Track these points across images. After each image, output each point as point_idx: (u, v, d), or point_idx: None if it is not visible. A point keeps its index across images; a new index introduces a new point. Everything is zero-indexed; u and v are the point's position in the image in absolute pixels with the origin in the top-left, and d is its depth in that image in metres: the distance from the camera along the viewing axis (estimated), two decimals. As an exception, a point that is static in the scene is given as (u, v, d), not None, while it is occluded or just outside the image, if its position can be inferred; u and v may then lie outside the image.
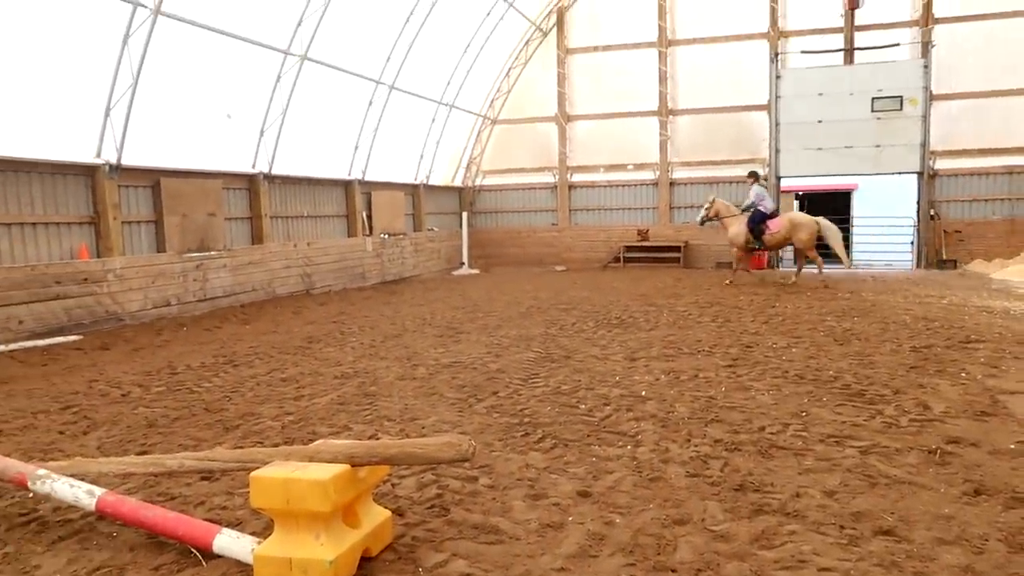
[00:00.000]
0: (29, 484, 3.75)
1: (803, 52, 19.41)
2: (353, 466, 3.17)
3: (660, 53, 20.88)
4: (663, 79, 20.91)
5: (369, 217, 18.27)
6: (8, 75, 9.79)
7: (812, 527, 3.51)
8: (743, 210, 15.13)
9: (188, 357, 8.44)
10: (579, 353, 8.06)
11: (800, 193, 24.96)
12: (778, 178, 19.43)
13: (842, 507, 3.73)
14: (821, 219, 14.72)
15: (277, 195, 15.23)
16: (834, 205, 24.72)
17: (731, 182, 20.51)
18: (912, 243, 19.57)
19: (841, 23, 19.23)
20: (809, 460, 4.46)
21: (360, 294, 15.46)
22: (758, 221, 14.78)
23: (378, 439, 5.01)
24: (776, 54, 19.34)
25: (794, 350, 7.94)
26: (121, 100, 11.16)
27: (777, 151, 19.23)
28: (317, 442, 3.49)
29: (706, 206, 15.32)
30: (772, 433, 5.00)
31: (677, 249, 20.67)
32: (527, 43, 22.02)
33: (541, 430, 5.20)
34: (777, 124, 19.14)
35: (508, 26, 20.69)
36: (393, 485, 4.15)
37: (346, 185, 17.56)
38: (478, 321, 10.79)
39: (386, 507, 3.61)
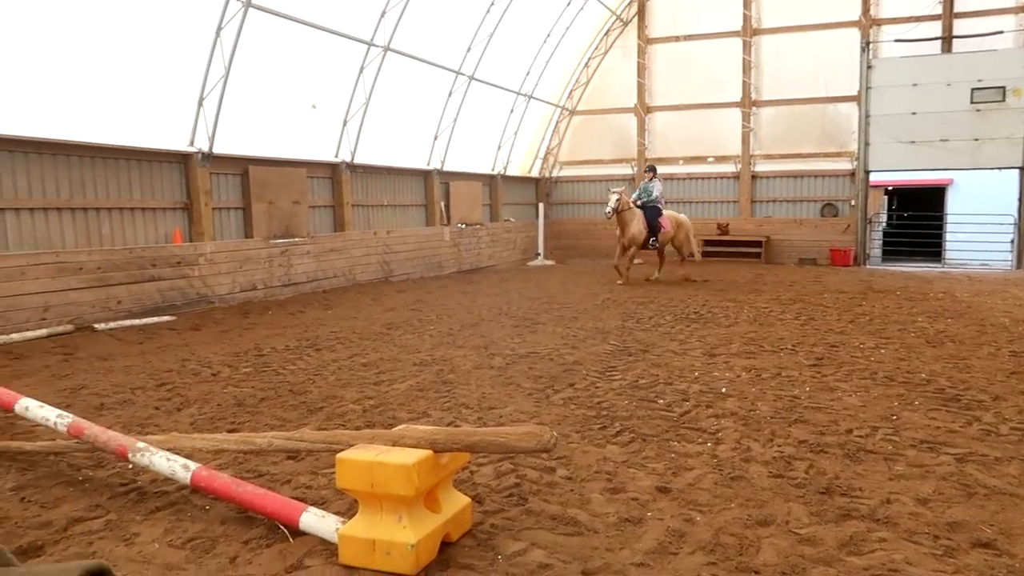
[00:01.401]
0: (129, 456, 3.94)
1: (897, 40, 18.58)
2: (435, 452, 3.21)
3: (744, 43, 20.34)
4: (746, 69, 20.37)
5: (447, 207, 18.47)
6: (110, 67, 10.27)
7: (904, 535, 3.38)
8: (640, 206, 14.66)
9: (273, 340, 8.72)
10: (657, 347, 7.96)
11: (890, 188, 23.97)
12: (867, 172, 18.71)
13: (936, 516, 3.58)
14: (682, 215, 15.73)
15: (359, 184, 15.55)
16: (926, 201, 23.68)
17: (817, 176, 19.86)
18: (1012, 242, 18.54)
19: (939, 10, 18.33)
20: (900, 466, 4.29)
21: (437, 283, 15.66)
22: (657, 217, 14.62)
23: (457, 426, 5.07)
24: (868, 43, 18.57)
25: (883, 351, 7.65)
26: (213, 90, 11.57)
27: (867, 144, 18.50)
28: (400, 427, 3.55)
29: (616, 197, 14.28)
30: (860, 436, 4.83)
31: (758, 244, 20.14)
32: (607, 33, 21.80)
33: (619, 423, 5.17)
34: (867, 116, 18.41)
35: (588, 16, 20.52)
36: (472, 472, 4.19)
37: (425, 175, 17.78)
38: (554, 312, 10.78)
39: (465, 494, 3.65)
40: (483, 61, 17.73)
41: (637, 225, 14.37)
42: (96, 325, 9.70)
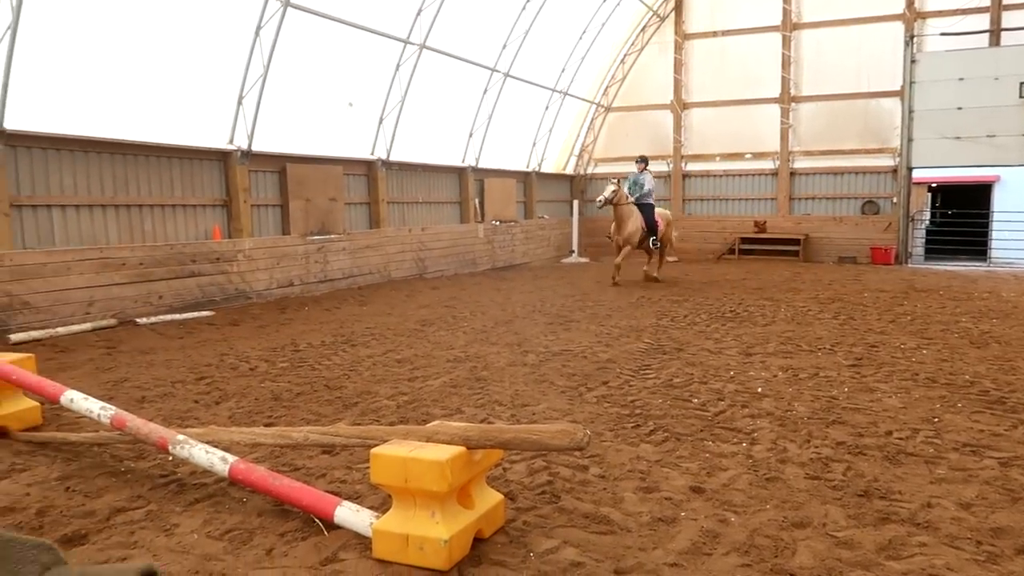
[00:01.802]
0: (170, 448, 4.02)
1: (943, 34, 18.14)
2: (469, 449, 3.22)
3: (784, 37, 20.04)
4: (786, 64, 20.07)
5: (481, 204, 18.51)
6: (153, 67, 10.47)
7: (945, 540, 3.31)
8: (637, 200, 13.75)
9: (309, 335, 8.83)
10: (691, 346, 7.89)
11: (934, 185, 23.43)
12: (909, 169, 18.30)
13: (980, 521, 3.49)
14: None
15: (394, 181, 15.66)
16: (972, 198, 23.12)
17: (857, 172, 19.50)
18: (1061, 240, 18.01)
19: (986, 2, 17.85)
20: (942, 469, 4.19)
21: (471, 279, 15.71)
22: (653, 215, 13.84)
23: (490, 423, 5.09)
24: (911, 36, 18.15)
25: (925, 352, 7.48)
26: (252, 89, 11.74)
27: (910, 140, 18.09)
28: (434, 423, 3.57)
29: (612, 188, 13.35)
30: (900, 438, 4.73)
31: (796, 242, 19.84)
32: (643, 29, 21.63)
33: (652, 422, 5.14)
34: (911, 111, 17.99)
35: (624, 12, 20.39)
36: (504, 469, 4.20)
37: (460, 172, 17.84)
38: (588, 310, 10.75)
39: (498, 491, 3.65)
40: (518, 58, 17.72)
41: (634, 223, 13.51)
42: (138, 319, 9.91)
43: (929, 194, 23.70)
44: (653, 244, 13.74)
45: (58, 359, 7.55)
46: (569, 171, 22.95)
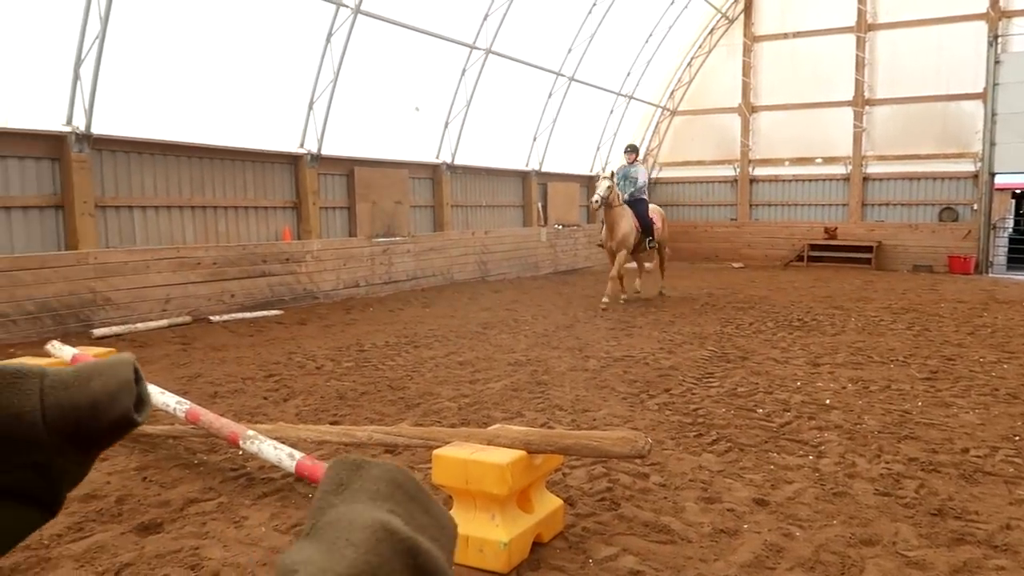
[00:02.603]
0: (240, 443, 4.16)
1: (1029, 34, 17.35)
2: (529, 453, 3.24)
3: (858, 39, 19.47)
4: (860, 66, 19.49)
5: (544, 207, 18.53)
6: (229, 74, 10.84)
7: (1025, 564, 3.17)
8: (630, 197, 11.83)
9: (374, 336, 8.99)
10: (757, 354, 7.74)
11: (1019, 191, 22.40)
12: (991, 174, 17.55)
13: (1063, 546, 3.33)
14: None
15: (458, 184, 15.82)
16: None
17: (935, 178, 18.80)
18: None
19: (1079, -1, 17.00)
20: (1023, 490, 4.01)
21: (533, 283, 15.74)
22: (647, 212, 11.90)
23: (551, 428, 5.09)
24: (996, 36, 17.41)
25: (1006, 366, 7.17)
26: (322, 94, 12.03)
27: (992, 144, 17.34)
28: (495, 427, 3.60)
29: (607, 185, 11.15)
30: (978, 456, 4.55)
31: (868, 249, 19.23)
32: (711, 31, 21.33)
33: (715, 432, 5.06)
34: (994, 114, 17.25)
35: (692, 14, 20.14)
36: (564, 475, 4.20)
37: (523, 176, 17.90)
38: (650, 315, 10.65)
39: (558, 496, 3.66)
40: (583, 62, 17.69)
41: (627, 223, 11.49)
42: (211, 317, 10.26)
43: (1013, 201, 22.67)
44: (649, 244, 11.93)
45: (137, 354, 7.87)
46: (633, 175, 22.76)
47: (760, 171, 21.22)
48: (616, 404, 5.83)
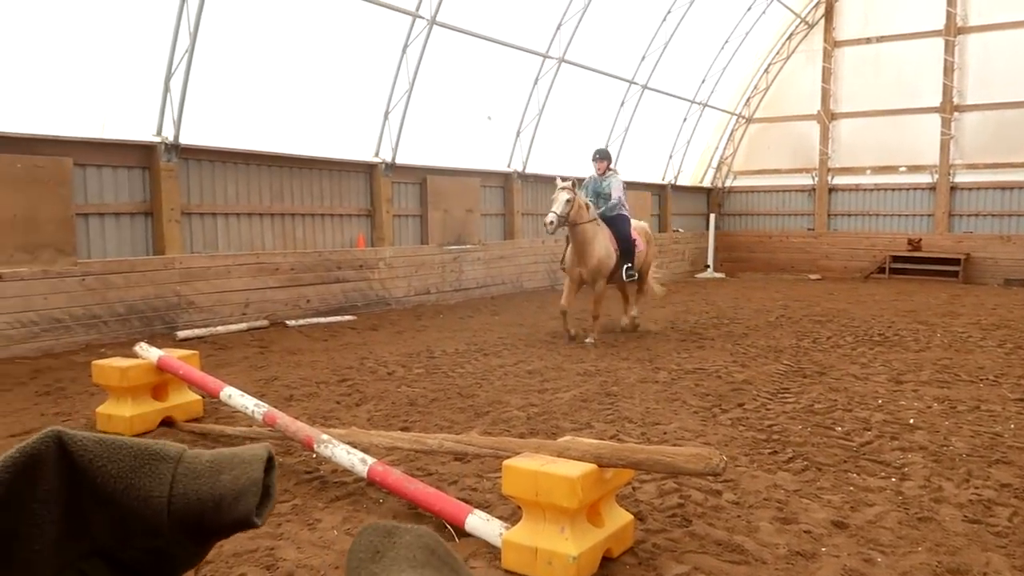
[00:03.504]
0: (314, 446, 4.25)
1: None
2: (600, 467, 3.21)
3: (946, 42, 18.68)
4: (948, 71, 18.69)
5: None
6: (306, 85, 11.15)
7: None
8: (602, 214, 9.24)
9: (444, 343, 9.08)
10: (835, 370, 7.48)
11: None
12: (1092, 184, 16.56)
13: None
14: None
15: (529, 193, 15.86)
16: None
17: (1029, 187, 17.88)
18: None
19: None
20: None
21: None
22: (628, 231, 9.34)
23: (621, 441, 5.03)
24: (1099, 38, 16.46)
25: (1108, 388, 6.74)
26: (397, 104, 12.26)
27: (1093, 152, 16.38)
28: (565, 438, 3.58)
29: (567, 198, 8.51)
30: (1077, 484, 4.28)
31: (956, 262, 18.37)
32: (789, 37, 20.83)
33: (791, 449, 4.91)
34: (1095, 120, 16.30)
35: (769, 20, 19.71)
36: (634, 489, 4.15)
37: (594, 184, 17.82)
38: (723, 328, 10.44)
39: (628, 510, 3.61)
40: (657, 70, 17.52)
41: (602, 245, 8.92)
42: (287, 321, 10.55)
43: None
44: (628, 274, 9.22)
45: (217, 356, 8.15)
46: (707, 184, 22.41)
47: (839, 180, 20.58)
48: (687, 418, 5.72)
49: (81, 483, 0.53)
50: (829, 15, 20.34)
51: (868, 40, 19.86)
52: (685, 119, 19.88)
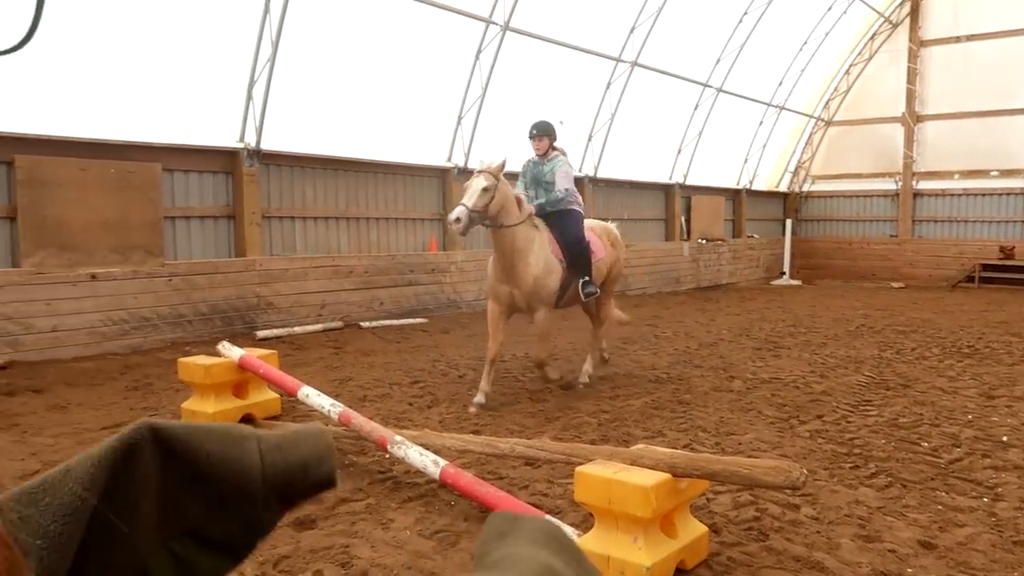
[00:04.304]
0: (388, 447, 4.32)
1: None
2: (675, 476, 3.15)
3: (1044, 40, 17.74)
4: (1046, 70, 17.74)
5: (688, 221, 18.14)
6: (380, 92, 11.36)
7: None
8: (541, 210, 6.64)
9: (514, 347, 9.09)
10: (920, 383, 7.18)
11: None
12: None
13: None
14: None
15: (600, 197, 15.77)
16: None
17: None
18: None
19: None
20: None
21: (674, 299, 15.41)
22: (581, 233, 6.68)
23: (694, 450, 4.94)
24: None
25: None
26: (470, 110, 12.37)
27: None
28: (639, 447, 3.54)
29: (482, 186, 6.02)
30: None
31: (1051, 271, 17.42)
32: (872, 37, 20.14)
33: (874, 464, 4.73)
34: None
35: (851, 20, 19.09)
36: (708, 500, 4.06)
37: (666, 189, 17.61)
38: (800, 336, 10.14)
39: (702, 522, 3.54)
40: (732, 72, 17.19)
41: (539, 257, 6.32)
42: (361, 323, 10.76)
43: None
44: (585, 292, 6.58)
45: (295, 356, 8.37)
46: (783, 188, 21.85)
47: (925, 184, 19.77)
48: (763, 428, 5.58)
49: (175, 468, 0.57)
50: (915, 14, 19.58)
51: (957, 39, 19.02)
52: (761, 122, 19.44)
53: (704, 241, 18.38)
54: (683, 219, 17.97)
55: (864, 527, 3.76)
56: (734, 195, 19.99)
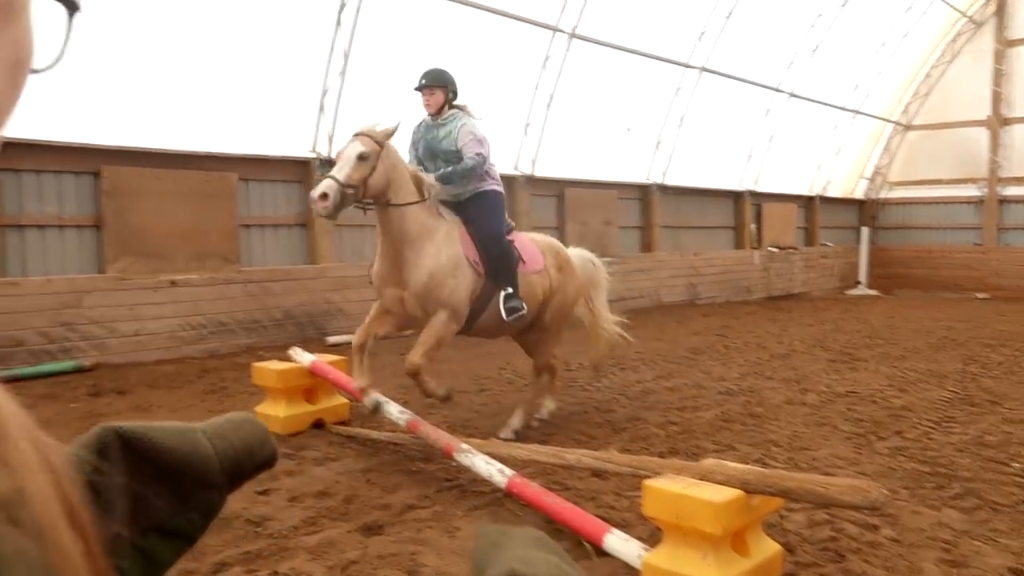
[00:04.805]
0: (454, 455, 4.34)
1: None
2: (747, 493, 3.06)
3: None
4: None
5: (759, 229, 17.74)
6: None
7: None
8: (446, 179, 5.12)
9: (580, 355, 9.01)
10: (1009, 400, 6.82)
11: None
12: None
13: None
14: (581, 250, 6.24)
15: (668, 205, 15.58)
16: None
17: None
18: None
19: None
20: None
21: (744, 308, 15.07)
22: (501, 226, 5.34)
23: (766, 465, 4.81)
24: None
25: None
26: (537, 117, 12.39)
27: None
28: (709, 461, 3.46)
29: (358, 152, 4.62)
30: None
31: None
32: (954, 38, 19.35)
33: (959, 485, 4.51)
34: None
35: (931, 20, 18.40)
36: (782, 517, 3.94)
37: (735, 196, 17.27)
38: (877, 349, 9.78)
39: (775, 540, 3.43)
40: (805, 76, 16.76)
41: (443, 250, 4.95)
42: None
43: None
44: (507, 307, 5.12)
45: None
46: (859, 195, 21.16)
47: (1013, 191, 18.83)
48: (839, 444, 5.39)
49: (141, 467, 0.60)
50: (1000, 13, 18.73)
51: (1048, 38, 18.11)
52: (836, 127, 18.89)
53: (776, 249, 17.94)
54: (753, 227, 17.59)
55: (949, 551, 3.58)
56: (807, 202, 19.46)
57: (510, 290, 5.08)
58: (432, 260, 4.85)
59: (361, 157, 4.61)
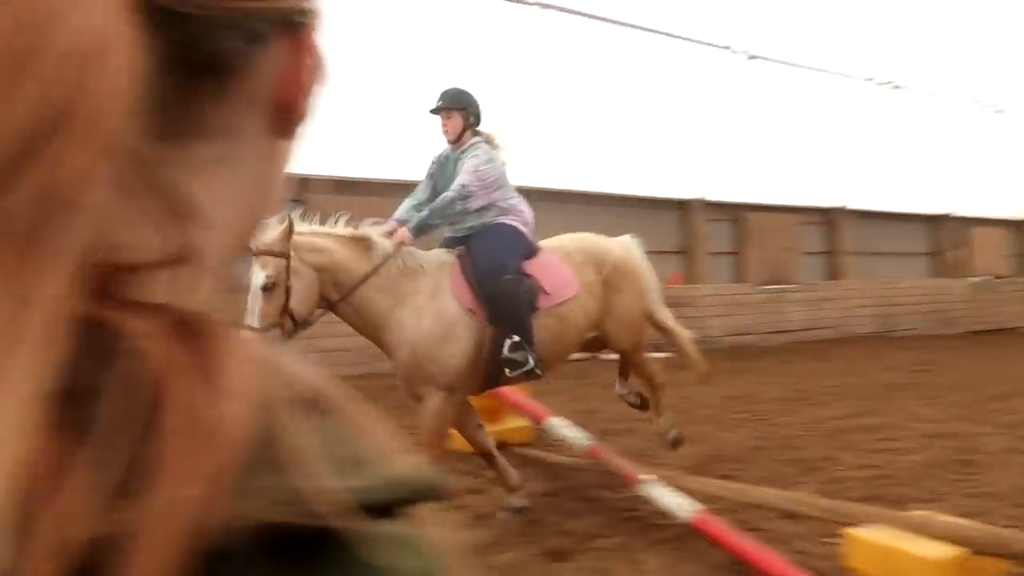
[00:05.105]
0: (635, 485, 4.26)
1: None
2: (973, 552, 2.77)
3: None
4: None
5: (962, 256, 16.20)
6: (618, 124, 11.49)
7: None
8: (419, 231, 4.07)
9: (764, 388, 8.65)
10: None
11: None
12: None
13: None
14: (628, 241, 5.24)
15: (855, 230, 14.64)
16: None
17: None
18: None
19: None
20: None
21: (946, 342, 13.77)
22: (503, 260, 4.10)
23: (984, 521, 4.33)
24: None
25: None
26: (712, 140, 12.11)
27: None
28: (921, 513, 3.18)
29: (260, 284, 3.57)
30: None
31: None
32: None
33: None
34: None
35: None
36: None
37: (933, 221, 15.91)
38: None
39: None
40: (1013, 91, 15.21)
41: (425, 314, 3.98)
42: (600, 355, 10.81)
43: None
44: (507, 359, 3.99)
45: (538, 385, 8.60)
46: (1084, 218, 18.80)
47: None
48: (1074, 502, 4.75)
49: None
50: None
51: None
52: (1057, 143, 16.93)
53: (983, 278, 16.29)
54: (955, 253, 16.08)
55: None
56: (1020, 226, 17.55)
57: (516, 338, 4.01)
58: (411, 331, 3.94)
59: (266, 288, 3.59)
